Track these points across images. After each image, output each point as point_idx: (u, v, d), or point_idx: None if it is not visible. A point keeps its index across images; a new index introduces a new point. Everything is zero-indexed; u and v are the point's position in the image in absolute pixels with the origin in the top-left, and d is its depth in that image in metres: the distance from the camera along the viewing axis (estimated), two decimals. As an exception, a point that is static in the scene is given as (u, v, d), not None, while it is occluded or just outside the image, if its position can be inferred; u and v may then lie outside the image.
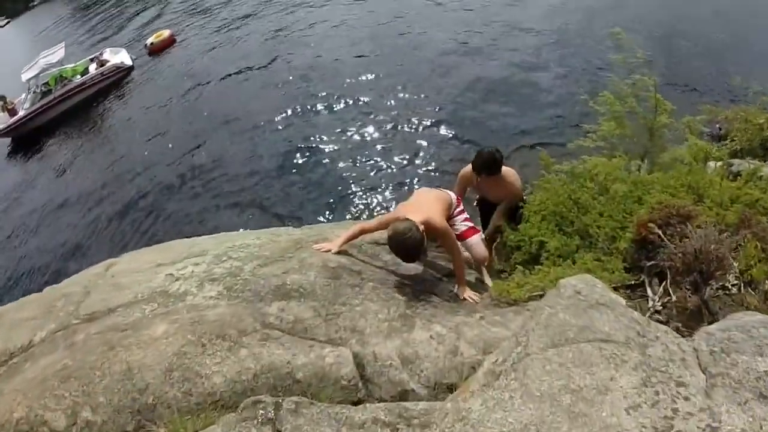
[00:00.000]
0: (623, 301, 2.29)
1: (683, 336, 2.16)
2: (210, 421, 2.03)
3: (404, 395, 2.19)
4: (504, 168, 4.08)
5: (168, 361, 2.33)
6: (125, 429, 2.21)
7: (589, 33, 13.41)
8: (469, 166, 4.04)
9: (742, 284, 2.97)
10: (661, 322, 2.52)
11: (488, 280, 3.65)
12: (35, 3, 38.82)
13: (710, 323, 2.72)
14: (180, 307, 2.76)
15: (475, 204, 4.78)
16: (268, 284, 2.76)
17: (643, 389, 1.66)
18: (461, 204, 3.88)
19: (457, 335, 2.50)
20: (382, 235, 3.98)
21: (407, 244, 2.96)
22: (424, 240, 3.04)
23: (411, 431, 1.68)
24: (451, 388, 2.23)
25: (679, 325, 2.61)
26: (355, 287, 2.82)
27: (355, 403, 2.13)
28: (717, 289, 2.95)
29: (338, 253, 3.31)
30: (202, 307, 2.68)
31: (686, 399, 1.65)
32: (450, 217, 3.60)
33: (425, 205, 3.38)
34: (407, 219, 3.06)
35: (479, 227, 4.24)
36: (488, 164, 3.87)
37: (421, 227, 3.04)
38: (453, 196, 3.81)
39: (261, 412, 1.91)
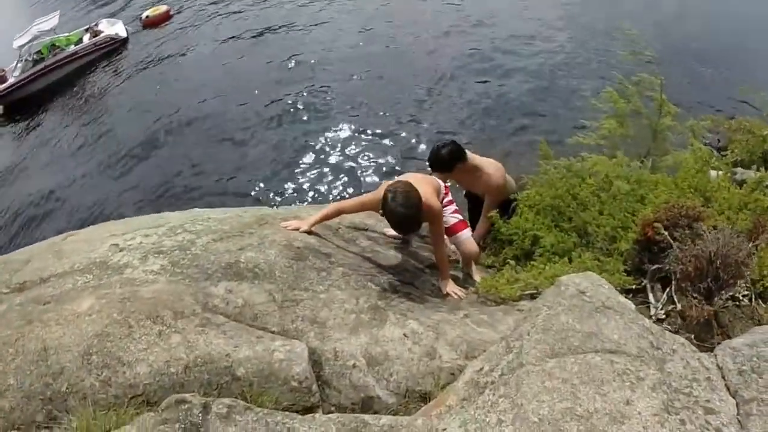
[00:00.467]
0: (633, 306, 1.95)
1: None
2: (124, 420, 1.64)
3: (368, 403, 1.82)
4: (481, 159, 3.74)
5: (87, 342, 1.94)
6: (34, 419, 1.83)
7: (593, 30, 13.22)
8: None
9: (753, 295, 2.68)
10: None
11: (477, 276, 3.29)
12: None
13: (721, 336, 2.43)
14: (114, 280, 2.35)
15: (463, 194, 4.43)
16: (218, 261, 2.35)
17: (666, 417, 1.31)
18: (449, 194, 3.50)
19: (435, 334, 2.13)
20: (363, 219, 3.62)
21: (408, 203, 2.49)
22: (422, 208, 2.60)
23: (369, 453, 1.31)
24: (425, 398, 1.86)
25: (692, 336, 2.28)
26: (322, 272, 2.42)
27: (307, 410, 1.75)
28: (726, 299, 2.64)
29: (308, 233, 2.90)
30: (139, 282, 2.27)
31: (718, 431, 1.31)
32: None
33: (415, 184, 2.97)
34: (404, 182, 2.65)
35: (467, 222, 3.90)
36: (436, 160, 3.53)
37: None
38: (441, 182, 3.42)
39: (185, 414, 1.52)
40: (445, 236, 3.18)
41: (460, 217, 3.32)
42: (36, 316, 2.19)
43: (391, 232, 3.51)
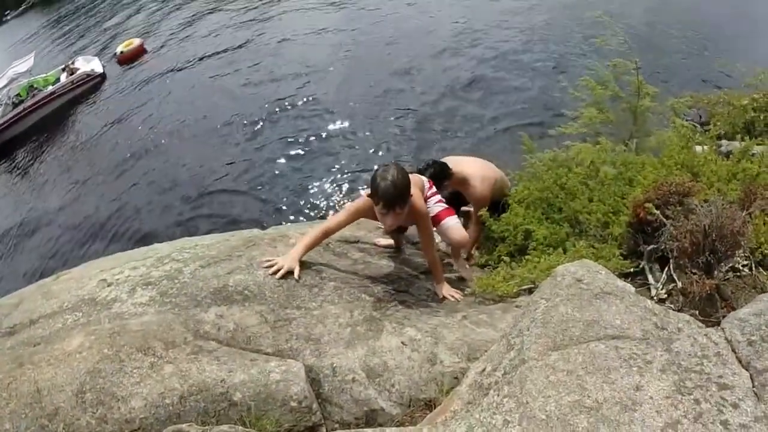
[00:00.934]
0: (632, 288, 1.91)
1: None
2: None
3: (372, 416, 1.76)
4: (469, 169, 3.72)
5: (80, 380, 1.89)
6: (33, 462, 1.78)
7: (569, 21, 13.38)
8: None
9: (753, 264, 2.65)
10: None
11: (466, 273, 3.22)
12: (8, 17, 37.84)
13: (726, 309, 2.39)
14: (103, 316, 2.30)
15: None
16: (206, 287, 2.29)
17: (679, 398, 1.26)
18: (433, 186, 3.40)
19: (434, 340, 2.07)
20: (353, 231, 3.56)
21: (398, 172, 2.48)
22: (410, 185, 2.55)
23: (374, 468, 1.25)
24: (430, 405, 1.81)
25: (696, 312, 2.24)
26: (314, 288, 2.36)
27: (310, 430, 1.69)
28: (727, 271, 2.61)
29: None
30: (128, 315, 2.21)
31: (735, 406, 1.26)
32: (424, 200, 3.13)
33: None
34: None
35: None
36: (430, 176, 3.42)
37: None
38: (425, 179, 3.35)
39: (182, 446, 1.46)
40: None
41: (446, 206, 3.18)
42: (27, 359, 2.15)
43: (383, 241, 3.46)
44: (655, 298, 2.69)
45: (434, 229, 3.14)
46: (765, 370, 1.42)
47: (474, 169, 3.77)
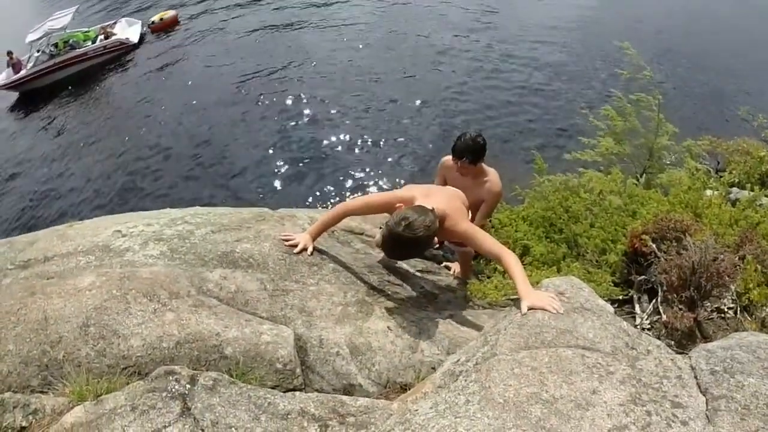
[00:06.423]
0: (611, 309, 2.01)
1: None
2: (115, 386, 1.71)
3: (349, 390, 1.87)
4: (486, 166, 3.78)
5: (86, 314, 2.03)
6: (30, 383, 1.91)
7: (595, 48, 13.39)
8: (449, 156, 3.61)
9: (738, 308, 2.73)
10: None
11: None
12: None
13: (704, 346, 2.48)
14: (115, 262, 2.44)
15: None
16: (215, 250, 2.44)
17: (632, 407, 1.36)
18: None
19: (419, 330, 2.19)
20: (360, 223, 3.67)
21: (414, 241, 2.08)
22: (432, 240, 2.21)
23: (343, 430, 1.36)
24: (405, 389, 1.92)
25: (672, 343, 2.33)
26: (314, 266, 2.49)
27: (290, 392, 1.81)
28: (712, 311, 2.70)
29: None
30: (138, 264, 2.35)
31: (684, 424, 1.36)
32: None
33: (446, 198, 2.46)
34: (422, 207, 2.18)
35: None
36: (471, 148, 3.29)
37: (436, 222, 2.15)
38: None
39: (173, 384, 1.60)
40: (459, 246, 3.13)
41: None
42: (39, 289, 2.27)
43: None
44: (638, 326, 2.79)
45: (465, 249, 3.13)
46: (721, 397, 1.51)
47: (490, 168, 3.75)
